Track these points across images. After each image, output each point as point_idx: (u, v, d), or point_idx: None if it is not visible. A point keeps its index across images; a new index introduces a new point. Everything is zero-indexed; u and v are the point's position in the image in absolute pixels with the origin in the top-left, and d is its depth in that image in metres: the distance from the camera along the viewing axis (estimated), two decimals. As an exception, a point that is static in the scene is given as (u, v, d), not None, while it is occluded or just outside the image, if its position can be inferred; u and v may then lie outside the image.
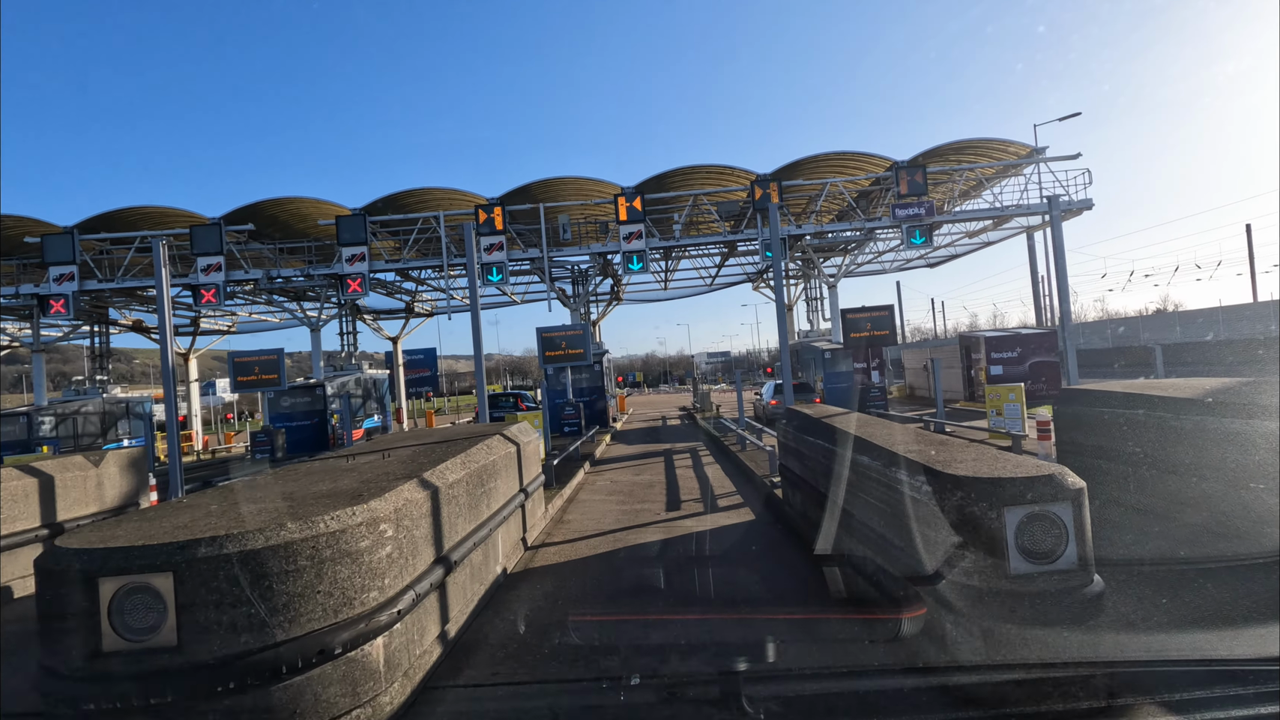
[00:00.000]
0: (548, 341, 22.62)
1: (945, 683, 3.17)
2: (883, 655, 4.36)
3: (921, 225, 24.47)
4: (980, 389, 25.10)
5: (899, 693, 3.31)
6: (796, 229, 25.00)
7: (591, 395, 25.58)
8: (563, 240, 25.26)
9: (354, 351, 29.83)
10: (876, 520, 5.26)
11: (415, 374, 40.71)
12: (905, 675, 3.90)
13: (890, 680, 3.72)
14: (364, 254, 24.73)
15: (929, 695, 3.23)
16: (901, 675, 3.92)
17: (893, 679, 3.74)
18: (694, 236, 25.53)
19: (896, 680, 3.58)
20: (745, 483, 12.22)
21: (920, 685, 3.70)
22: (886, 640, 4.44)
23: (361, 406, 27.93)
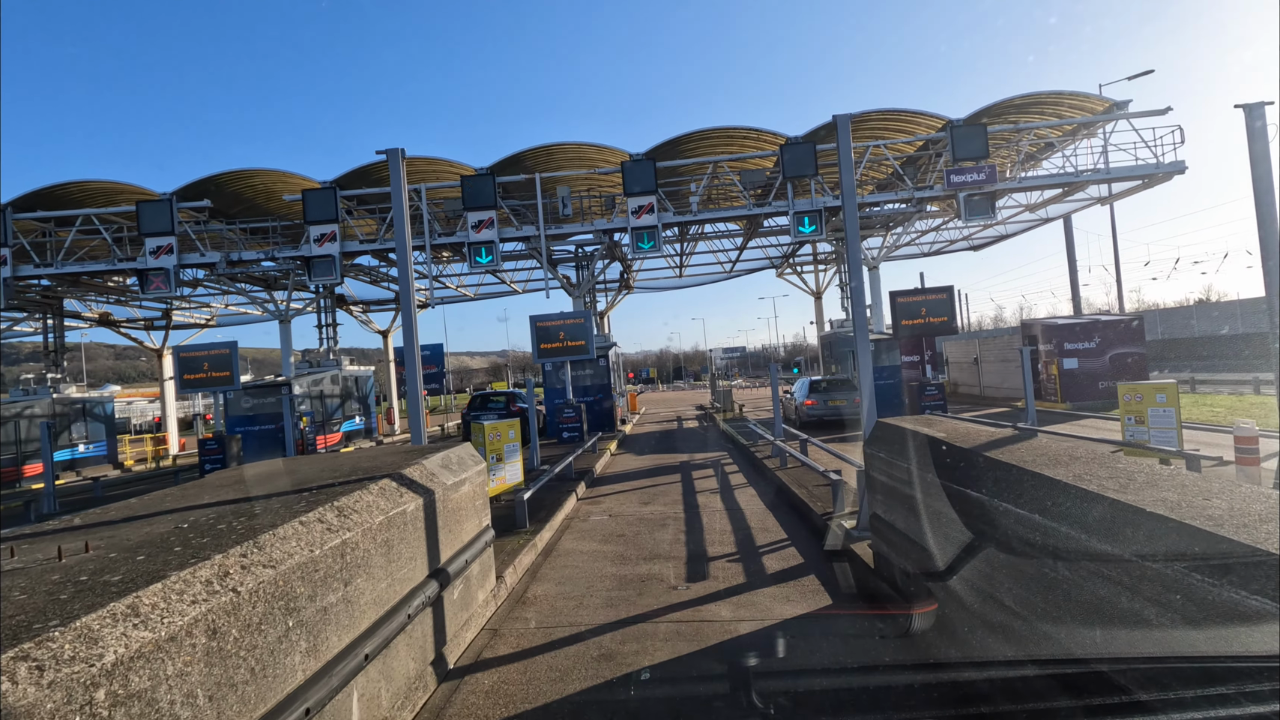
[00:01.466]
0: (543, 332, 19.15)
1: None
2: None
3: (982, 193, 20.69)
4: (1050, 385, 21.30)
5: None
6: (834, 200, 21.29)
7: (596, 394, 22.08)
8: (562, 216, 21.75)
9: (333, 346, 26.53)
10: None
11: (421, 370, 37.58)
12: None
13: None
14: (335, 233, 21.37)
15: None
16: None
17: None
18: (714, 210, 21.93)
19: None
20: (798, 523, 8.64)
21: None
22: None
23: (339, 407, 24.64)
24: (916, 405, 19.08)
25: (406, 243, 7.72)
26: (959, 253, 32.42)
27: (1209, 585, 2.27)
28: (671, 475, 13.13)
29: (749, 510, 9.47)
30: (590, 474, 13.31)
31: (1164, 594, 2.43)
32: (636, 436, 21.96)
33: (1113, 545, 2.70)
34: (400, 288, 7.08)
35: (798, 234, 21.00)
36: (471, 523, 5.61)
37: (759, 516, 9.04)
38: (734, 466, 13.80)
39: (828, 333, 26.72)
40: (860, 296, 7.51)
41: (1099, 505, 2.94)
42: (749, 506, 9.73)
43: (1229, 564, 2.30)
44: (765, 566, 6.79)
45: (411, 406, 7.50)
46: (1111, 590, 2.66)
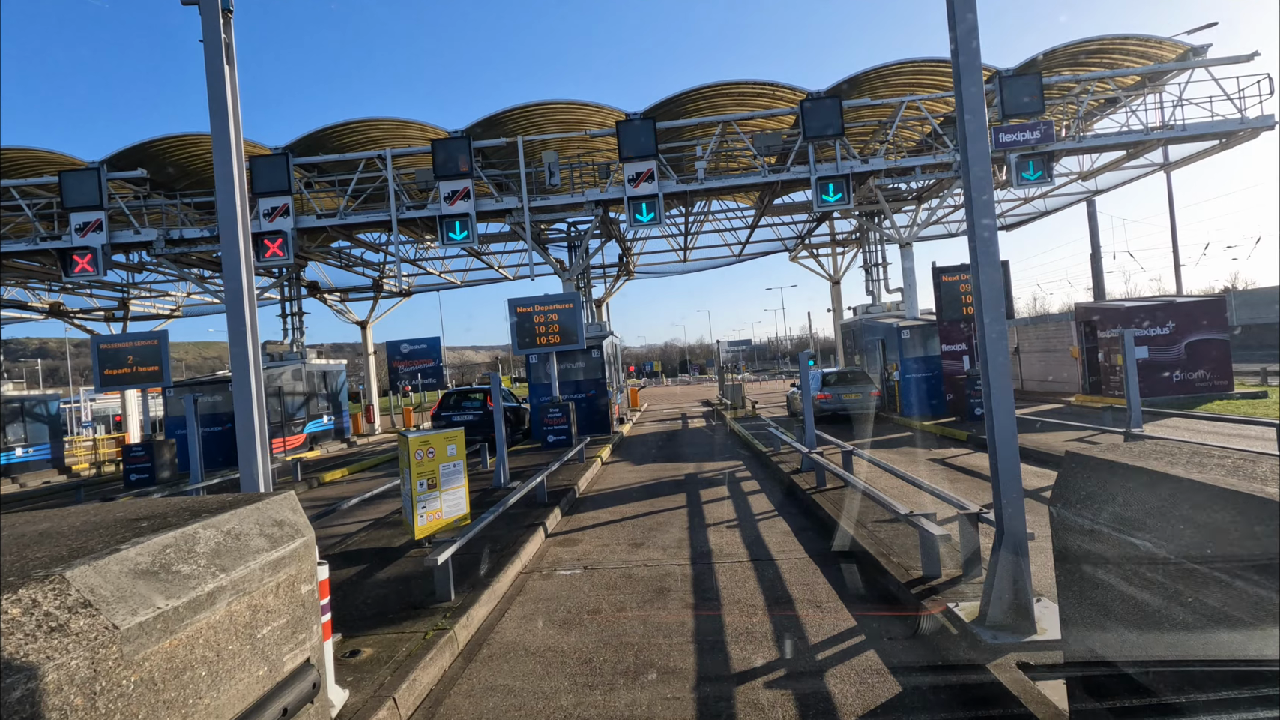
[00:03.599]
0: (523, 319, 16.15)
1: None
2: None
3: (1036, 155, 17.56)
4: (1115, 377, 18.18)
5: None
6: (862, 164, 18.20)
7: (588, 390, 19.08)
8: (549, 187, 18.71)
9: (298, 337, 23.59)
10: None
11: (416, 365, 34.89)
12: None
13: None
14: (287, 206, 18.40)
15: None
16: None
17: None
18: (723, 178, 18.86)
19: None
20: (868, 592, 5.60)
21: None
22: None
23: (303, 406, 21.71)
24: (963, 402, 16.03)
25: (236, 177, 4.71)
26: (1013, 229, 29.19)
27: None
28: (674, 497, 10.12)
29: (786, 563, 6.45)
30: (571, 494, 10.31)
31: None
32: (635, 439, 18.95)
33: None
34: (225, 266, 4.06)
35: (821, 204, 17.91)
36: (244, 680, 2.58)
37: (803, 575, 6.03)
38: (753, 483, 10.78)
39: (851, 320, 23.63)
40: (993, 249, 4.47)
41: None
42: (785, 555, 6.71)
43: None
44: (835, 697, 3.78)
45: (242, 435, 4.51)
46: None
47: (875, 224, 22.64)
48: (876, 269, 23.25)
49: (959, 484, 9.40)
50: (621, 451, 16.15)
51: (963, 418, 16.02)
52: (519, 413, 19.59)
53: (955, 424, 15.62)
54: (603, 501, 10.12)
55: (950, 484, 9.34)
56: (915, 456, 12.20)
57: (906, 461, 11.54)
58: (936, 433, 15.25)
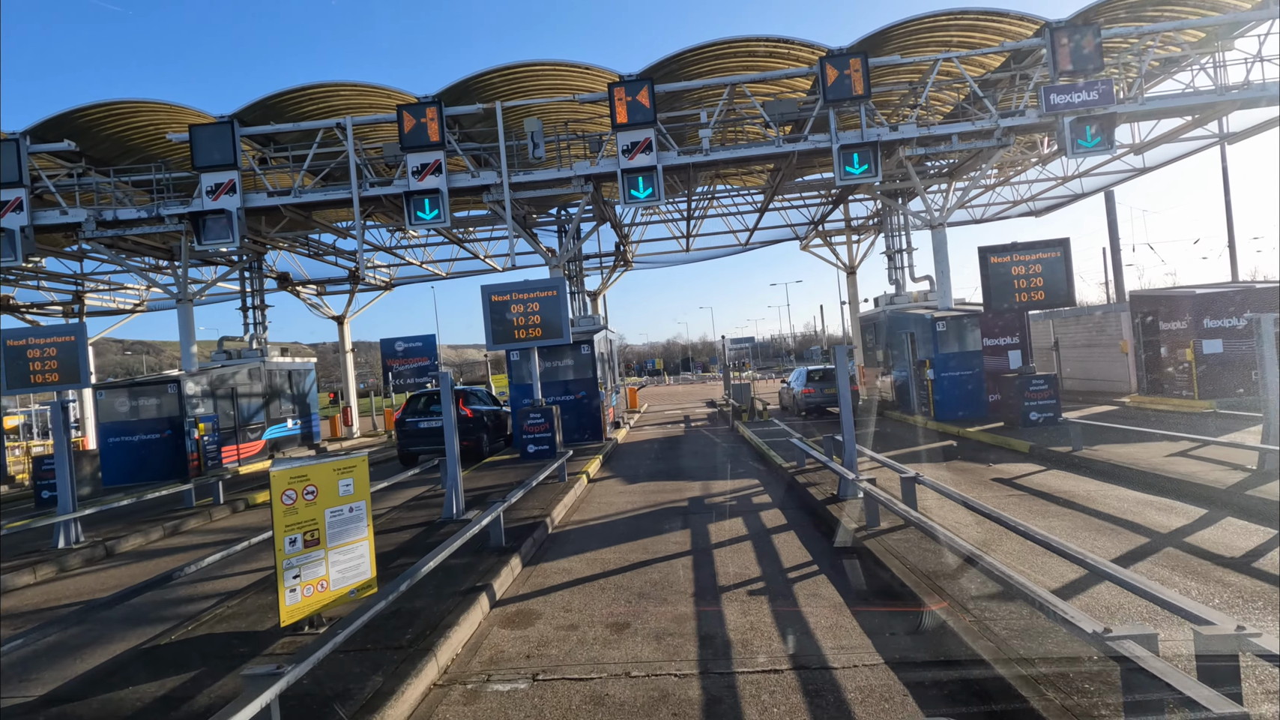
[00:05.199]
0: (499, 309, 13.73)
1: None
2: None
3: (1093, 118, 15.04)
4: (1181, 375, 15.66)
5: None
6: (892, 132, 15.69)
7: (578, 392, 16.60)
8: (534, 160, 16.24)
9: (260, 333, 21.18)
10: None
11: (411, 363, 32.50)
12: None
13: None
14: (233, 182, 15.96)
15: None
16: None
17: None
18: (731, 148, 16.34)
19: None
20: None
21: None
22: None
23: (262, 409, 19.28)
24: (1015, 406, 13.53)
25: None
26: (1042, 215, 26.62)
27: None
28: (673, 535, 7.65)
29: (854, 680, 3.97)
30: (540, 529, 7.86)
31: None
32: (630, 447, 16.48)
33: None
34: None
35: (845, 176, 15.40)
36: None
37: (888, 709, 3.57)
38: (776, 514, 8.31)
39: (872, 312, 21.13)
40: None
41: None
42: (850, 661, 4.22)
43: None
44: None
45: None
46: None
47: (899, 205, 20.12)
48: (900, 255, 20.74)
49: (1058, 521, 6.92)
50: (614, 464, 13.68)
51: (1013, 423, 13.52)
52: (500, 418, 17.16)
53: (1005, 431, 13.14)
54: (581, 541, 7.64)
55: (1044, 520, 6.87)
56: (974, 476, 9.72)
57: (969, 484, 9.06)
58: (986, 442, 12.76)
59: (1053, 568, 5.30)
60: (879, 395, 20.81)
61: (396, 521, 8.68)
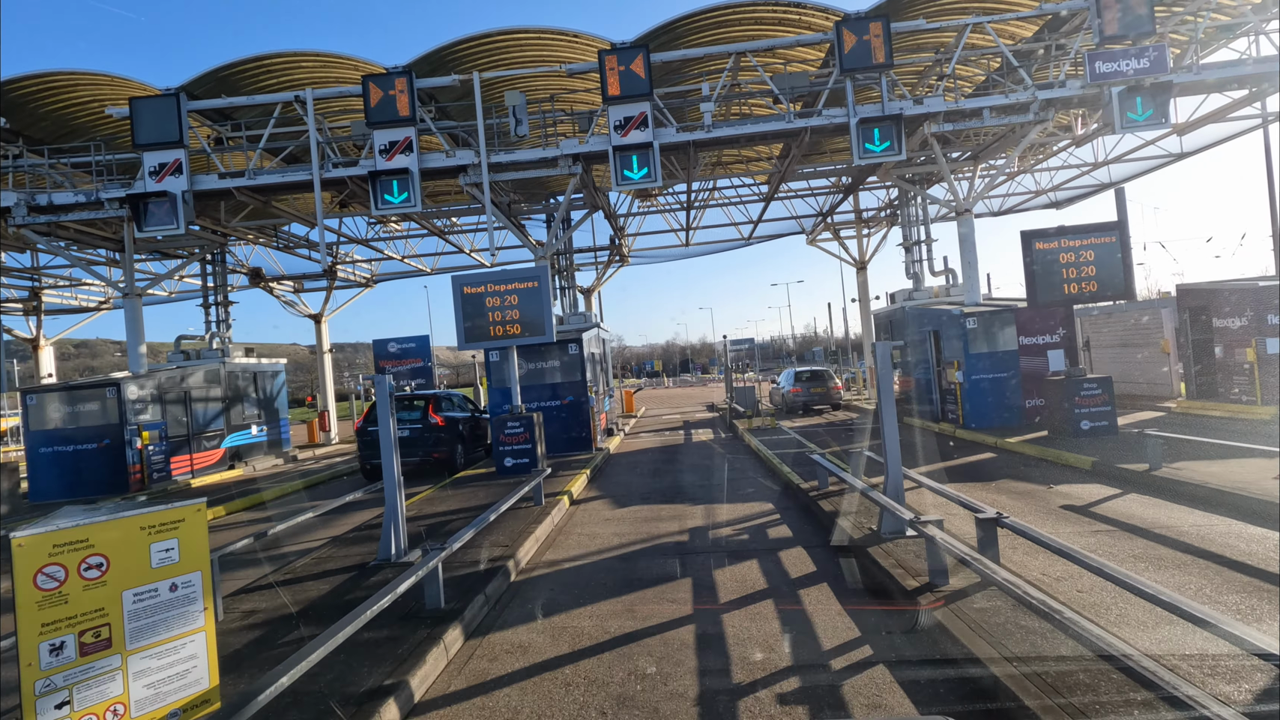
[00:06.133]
0: (473, 302, 11.96)
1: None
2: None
3: (1144, 89, 13.27)
4: (1241, 376, 13.89)
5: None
6: (916, 106, 13.92)
7: (565, 397, 14.80)
8: (516, 138, 14.45)
9: (223, 331, 19.39)
10: None
11: (405, 365, 30.75)
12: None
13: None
14: (179, 162, 14.20)
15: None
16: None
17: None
18: (735, 124, 14.55)
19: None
20: None
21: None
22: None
23: (221, 414, 17.48)
24: (1063, 413, 11.75)
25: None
26: (1064, 206, 24.84)
27: None
28: (670, 588, 5.86)
29: None
30: (499, 577, 6.06)
31: None
32: (623, 459, 14.69)
33: None
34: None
35: (864, 155, 13.62)
36: None
37: None
38: (801, 556, 6.52)
39: (888, 309, 19.35)
40: None
41: None
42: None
43: None
44: None
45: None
46: None
47: (918, 190, 18.35)
48: (918, 247, 18.96)
49: (1180, 574, 5.12)
50: (603, 480, 11.88)
51: (1061, 433, 11.73)
52: (479, 426, 15.37)
53: (1051, 441, 11.36)
54: (550, 596, 5.85)
55: (1160, 572, 5.08)
56: (1035, 501, 7.93)
57: (1033, 512, 7.27)
58: (1032, 455, 10.97)
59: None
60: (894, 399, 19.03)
61: (322, 564, 6.90)
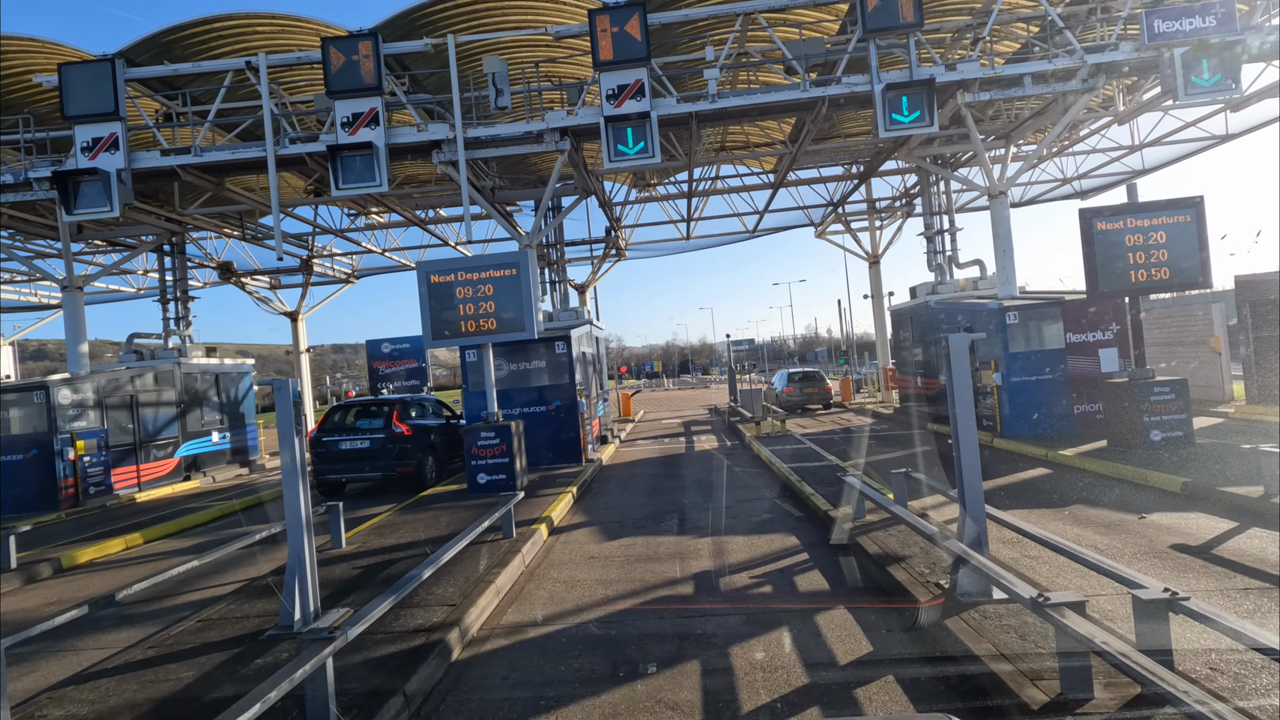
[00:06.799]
0: (440, 293, 10.26)
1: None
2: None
3: (1211, 51, 11.58)
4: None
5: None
6: (949, 72, 12.23)
7: (551, 402, 13.07)
8: (497, 110, 12.74)
9: (183, 328, 17.69)
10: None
11: (400, 365, 29.12)
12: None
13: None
14: (115, 137, 12.50)
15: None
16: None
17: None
18: (745, 93, 12.83)
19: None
20: None
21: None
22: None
23: (175, 420, 15.77)
24: (1127, 421, 10.02)
25: None
26: (1089, 195, 23.12)
27: None
28: (671, 681, 4.16)
29: None
30: (437, 656, 4.33)
31: None
32: (617, 474, 12.98)
33: None
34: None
35: (891, 126, 11.91)
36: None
37: None
38: (848, 625, 4.79)
39: (908, 305, 17.64)
40: None
41: None
42: None
43: None
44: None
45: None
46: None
47: (946, 172, 16.65)
48: (940, 238, 17.27)
49: None
50: (591, 501, 10.15)
51: (1124, 444, 10.01)
52: (456, 434, 13.65)
53: (1114, 454, 9.65)
54: (501, 696, 4.13)
55: None
56: (1131, 537, 6.21)
57: (1133, 554, 5.55)
58: (1094, 471, 9.25)
59: None
60: (913, 404, 17.32)
61: (205, 630, 5.17)
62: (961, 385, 4.76)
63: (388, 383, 27.14)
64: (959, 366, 4.77)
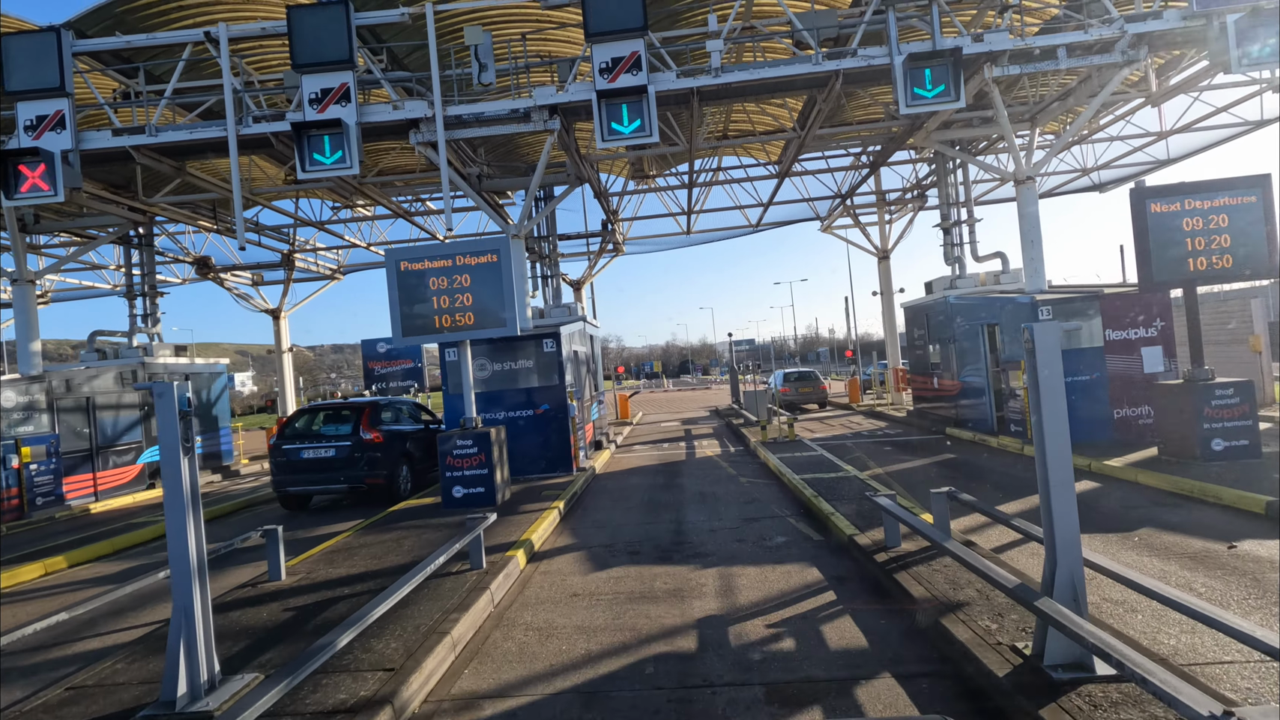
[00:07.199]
0: (410, 282, 9.14)
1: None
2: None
3: (1266, 18, 10.45)
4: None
5: None
6: (976, 43, 11.09)
7: (539, 406, 11.91)
8: (480, 86, 11.60)
9: (150, 326, 16.55)
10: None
11: (396, 365, 28.14)
12: None
13: None
14: (61, 114, 11.37)
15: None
16: None
17: None
18: (752, 66, 11.69)
19: None
20: None
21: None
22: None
23: (139, 424, 14.66)
24: (1184, 428, 8.87)
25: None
26: (1106, 189, 21.99)
27: None
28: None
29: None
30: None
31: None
32: (610, 486, 11.84)
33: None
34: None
35: (913, 101, 10.77)
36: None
37: None
38: (900, 702, 3.69)
39: (925, 299, 16.51)
40: None
41: None
42: None
43: None
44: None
45: None
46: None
47: (966, 157, 15.53)
48: (958, 230, 16.13)
49: None
50: (580, 519, 9.00)
51: (1179, 453, 8.85)
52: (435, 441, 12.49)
53: (1169, 465, 8.52)
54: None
55: None
56: (1234, 575, 5.06)
57: (1254, 602, 4.41)
58: (1157, 487, 8.10)
59: None
60: (928, 406, 16.20)
61: (78, 700, 4.04)
62: (1051, 390, 3.64)
63: (383, 383, 26.08)
64: (1048, 365, 3.64)
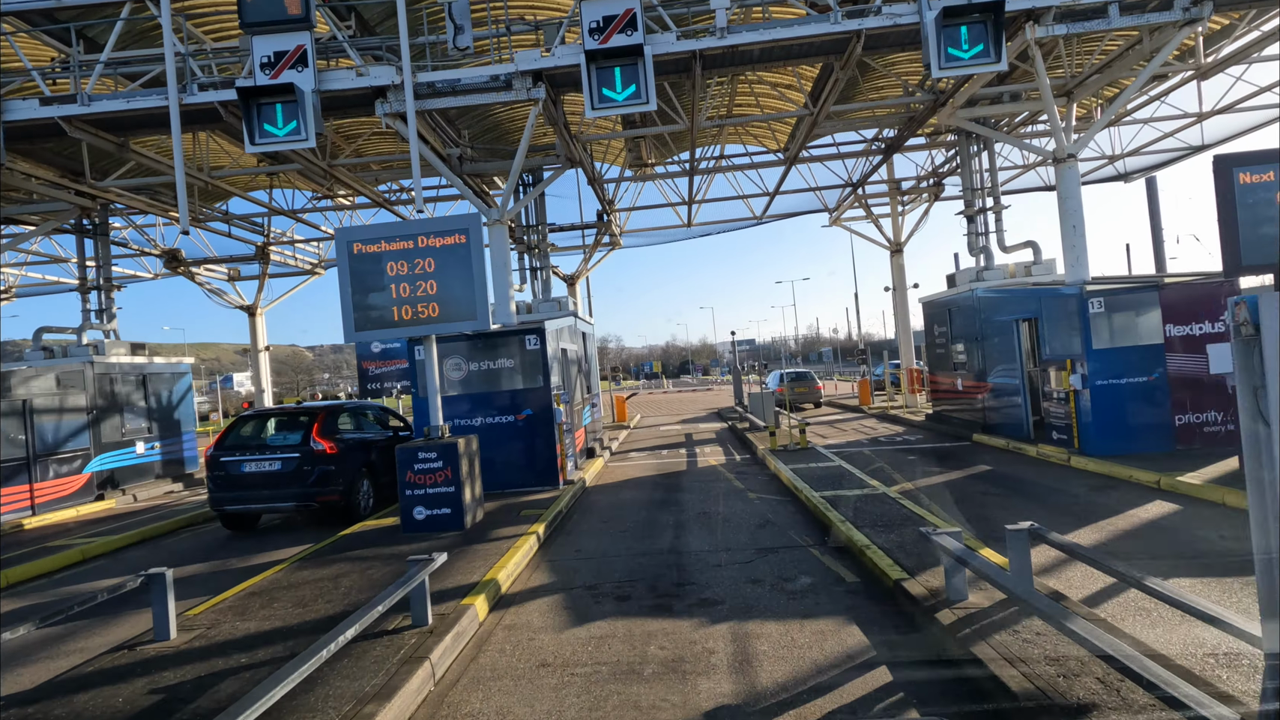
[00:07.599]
0: (362, 269, 7.71)
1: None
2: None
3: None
4: None
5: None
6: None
7: (520, 410, 10.51)
8: (456, 51, 10.22)
9: (105, 321, 15.18)
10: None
11: (391, 365, 26.73)
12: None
13: None
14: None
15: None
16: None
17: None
18: (763, 26, 10.33)
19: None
20: None
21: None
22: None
23: (87, 429, 13.28)
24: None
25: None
26: (1130, 179, 20.65)
27: None
28: None
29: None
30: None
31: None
32: (602, 501, 10.44)
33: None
34: None
35: (947, 62, 9.39)
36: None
37: None
38: None
39: (950, 293, 15.13)
40: None
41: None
42: None
43: None
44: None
45: None
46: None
47: (995, 135, 14.18)
48: (983, 217, 14.77)
49: None
50: (562, 547, 7.60)
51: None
52: (405, 447, 11.10)
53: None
54: None
55: None
56: None
57: None
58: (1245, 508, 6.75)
59: None
60: (950, 410, 14.83)
61: None
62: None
63: (378, 384, 24.73)
64: (1274, 365, 2.27)
